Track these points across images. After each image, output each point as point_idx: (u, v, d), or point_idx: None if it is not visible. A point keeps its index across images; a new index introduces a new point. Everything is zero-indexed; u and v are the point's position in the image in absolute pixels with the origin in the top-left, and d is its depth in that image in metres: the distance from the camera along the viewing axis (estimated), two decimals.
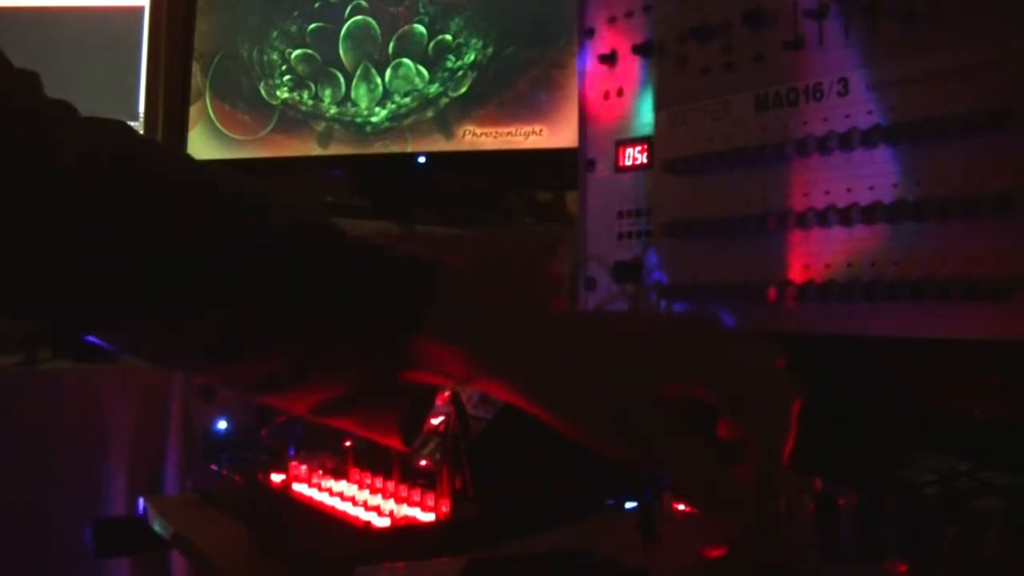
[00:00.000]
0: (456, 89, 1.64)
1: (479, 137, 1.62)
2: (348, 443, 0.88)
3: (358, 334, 0.59)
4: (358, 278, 0.60)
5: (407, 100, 1.68)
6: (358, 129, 1.72)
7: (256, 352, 0.60)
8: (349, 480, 0.84)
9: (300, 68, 1.76)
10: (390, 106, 1.69)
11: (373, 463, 0.84)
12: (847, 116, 0.68)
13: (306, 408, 0.62)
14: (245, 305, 0.59)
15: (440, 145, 1.65)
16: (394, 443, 0.61)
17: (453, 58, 1.64)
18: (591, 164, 0.89)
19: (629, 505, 0.72)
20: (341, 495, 0.82)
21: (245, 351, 0.60)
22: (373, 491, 0.81)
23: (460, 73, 1.63)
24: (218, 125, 1.83)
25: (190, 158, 0.67)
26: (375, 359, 0.59)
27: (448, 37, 1.65)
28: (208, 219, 0.60)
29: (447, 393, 0.82)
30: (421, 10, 1.67)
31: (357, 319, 0.59)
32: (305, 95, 1.75)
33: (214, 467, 1.01)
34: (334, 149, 1.73)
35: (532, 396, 0.58)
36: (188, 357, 0.63)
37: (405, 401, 0.60)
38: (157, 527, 0.99)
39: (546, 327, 0.60)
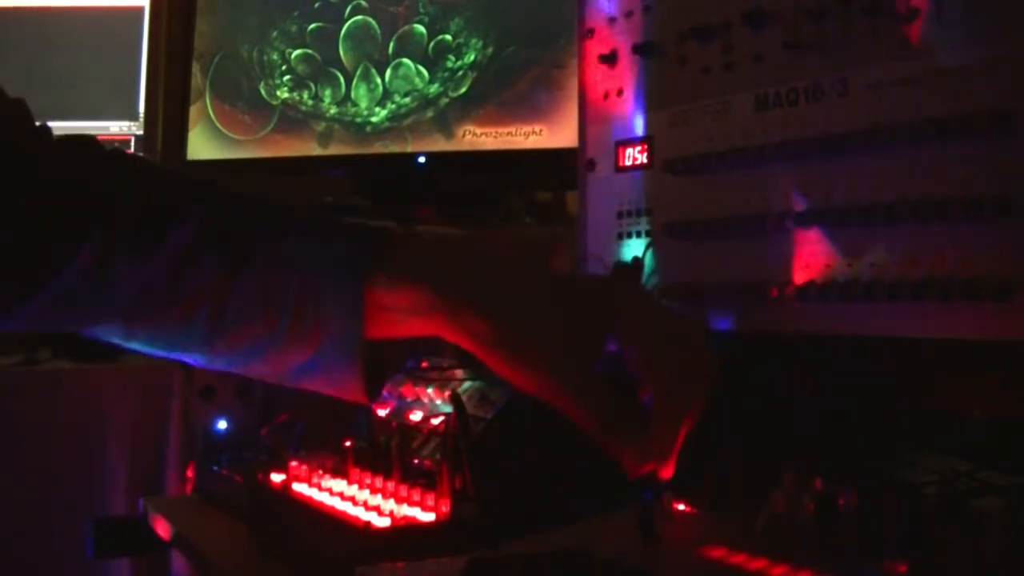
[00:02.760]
0: (456, 89, 1.64)
1: (479, 137, 1.62)
2: (348, 443, 0.88)
3: (317, 285, 0.61)
4: (313, 234, 0.63)
5: (407, 100, 1.68)
6: (358, 129, 1.72)
7: (233, 321, 0.62)
8: (349, 480, 0.84)
9: (300, 68, 1.76)
10: (390, 106, 1.69)
11: (373, 463, 0.84)
12: (847, 116, 0.68)
13: (279, 373, 0.64)
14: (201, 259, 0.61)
15: (440, 145, 1.65)
16: (359, 399, 0.63)
17: (453, 58, 1.64)
18: (591, 164, 0.89)
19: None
20: (341, 495, 0.82)
21: (226, 319, 0.62)
22: (373, 491, 0.81)
23: (460, 73, 1.63)
24: (218, 125, 1.82)
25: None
26: (339, 312, 0.60)
27: (448, 37, 1.65)
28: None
29: (447, 393, 0.82)
30: (421, 10, 1.67)
31: (315, 269, 0.61)
32: (305, 95, 1.75)
33: (214, 467, 1.01)
34: (334, 149, 1.73)
35: (485, 334, 0.60)
36: (185, 336, 0.64)
37: (368, 356, 0.61)
38: (157, 527, 0.99)
39: (496, 270, 0.63)
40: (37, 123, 0.65)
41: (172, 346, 0.65)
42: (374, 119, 1.70)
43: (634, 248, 0.84)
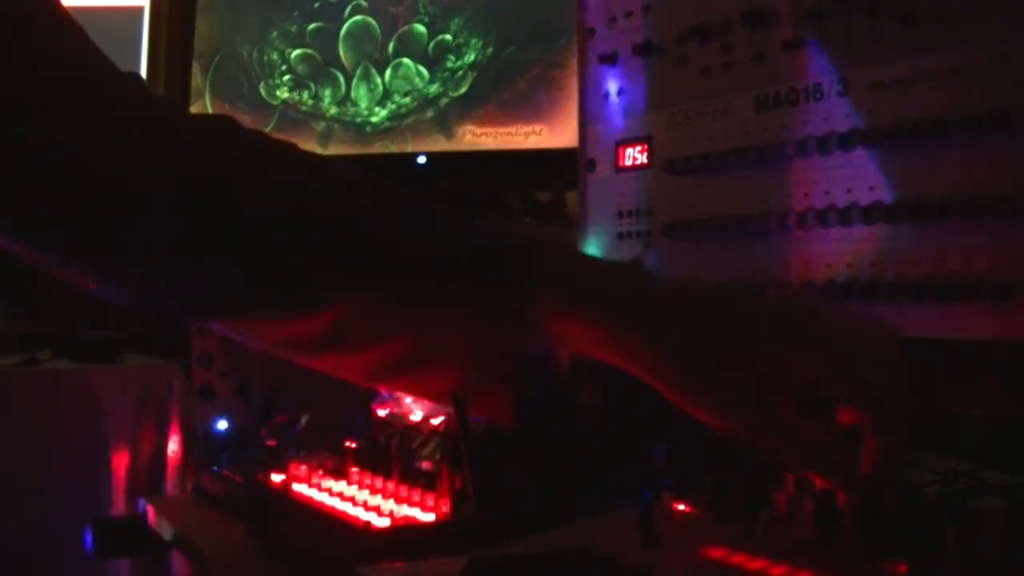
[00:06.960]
0: (456, 89, 1.64)
1: (479, 137, 1.62)
2: (348, 443, 0.88)
3: (479, 308, 0.59)
4: (465, 238, 0.60)
5: (407, 100, 1.68)
6: (358, 129, 1.72)
7: (381, 337, 0.61)
8: (349, 480, 0.84)
9: (300, 68, 1.76)
10: (390, 106, 1.69)
11: (373, 463, 0.84)
12: (847, 116, 0.68)
13: (432, 393, 0.64)
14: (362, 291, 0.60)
15: (440, 145, 1.65)
16: (506, 423, 0.63)
17: (453, 58, 1.64)
18: (591, 164, 0.89)
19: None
20: (341, 495, 0.82)
21: (374, 336, 0.61)
22: (373, 491, 0.81)
23: (460, 73, 1.63)
24: None
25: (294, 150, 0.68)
26: (500, 334, 0.59)
27: (448, 37, 1.65)
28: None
29: None
30: (421, 10, 1.67)
31: (473, 287, 0.59)
32: (305, 95, 1.75)
33: (214, 467, 1.01)
34: (334, 149, 1.73)
35: (661, 372, 0.56)
36: (315, 349, 0.63)
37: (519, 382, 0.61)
38: (157, 527, 0.99)
39: (664, 294, 0.58)
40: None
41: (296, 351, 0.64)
42: (374, 119, 1.70)
43: (634, 248, 0.84)
